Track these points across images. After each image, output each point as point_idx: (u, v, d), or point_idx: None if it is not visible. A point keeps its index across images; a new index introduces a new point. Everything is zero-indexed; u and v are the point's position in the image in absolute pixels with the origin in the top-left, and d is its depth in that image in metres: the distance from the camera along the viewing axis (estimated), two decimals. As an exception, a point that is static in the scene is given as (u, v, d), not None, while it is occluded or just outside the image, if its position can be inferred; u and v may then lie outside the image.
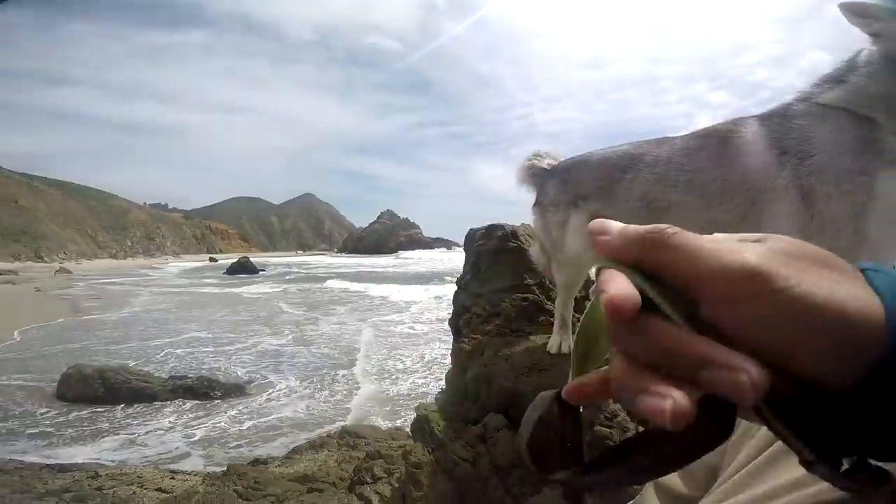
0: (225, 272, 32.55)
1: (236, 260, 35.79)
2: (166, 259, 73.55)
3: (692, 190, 1.27)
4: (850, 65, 1.11)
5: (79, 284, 23.85)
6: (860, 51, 1.11)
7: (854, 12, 1.07)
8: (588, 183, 1.52)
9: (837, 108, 1.09)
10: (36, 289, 20.01)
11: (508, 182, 1.83)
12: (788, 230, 1.08)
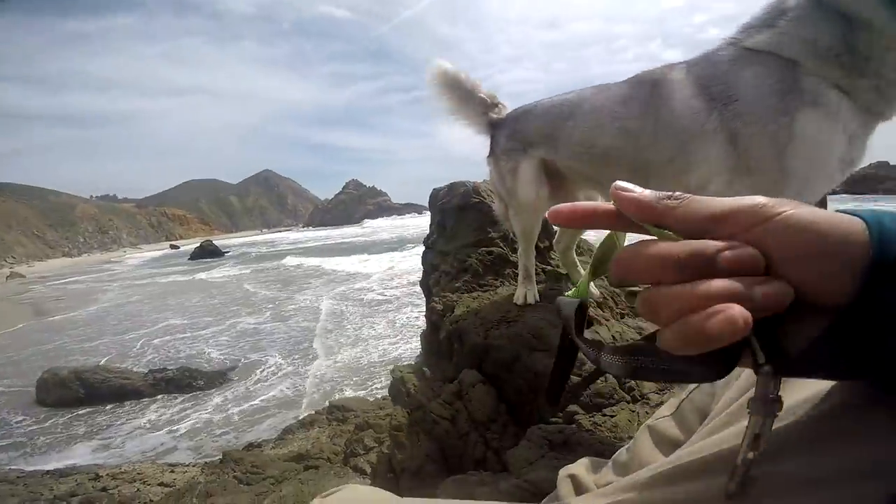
0: (189, 258, 31.58)
1: (199, 245, 34.66)
2: (124, 251, 70.66)
3: (626, 134, 1.31)
4: (779, 9, 1.12)
5: (36, 287, 22.75)
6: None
7: None
8: (535, 130, 1.57)
9: (763, 52, 1.11)
10: (-12, 297, 18.99)
11: (473, 143, 1.85)
12: (718, 171, 1.13)
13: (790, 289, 0.26)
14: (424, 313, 2.17)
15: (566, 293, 0.40)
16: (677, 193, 0.30)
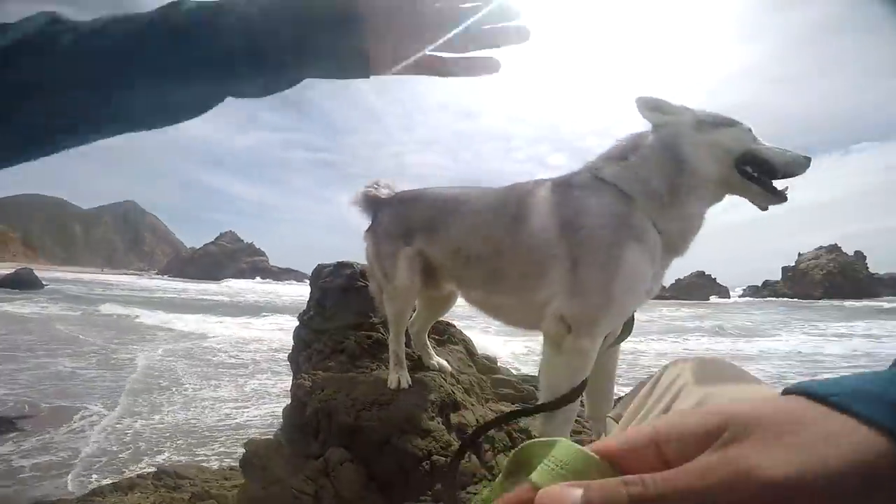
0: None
1: (13, 271, 28.44)
2: None
3: (491, 244, 1.42)
4: (634, 144, 1.31)
5: None
6: (645, 133, 1.32)
7: (647, 106, 1.30)
8: (418, 220, 1.62)
9: (610, 184, 1.26)
10: None
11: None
12: (559, 292, 1.26)
13: None
14: (290, 388, 2.09)
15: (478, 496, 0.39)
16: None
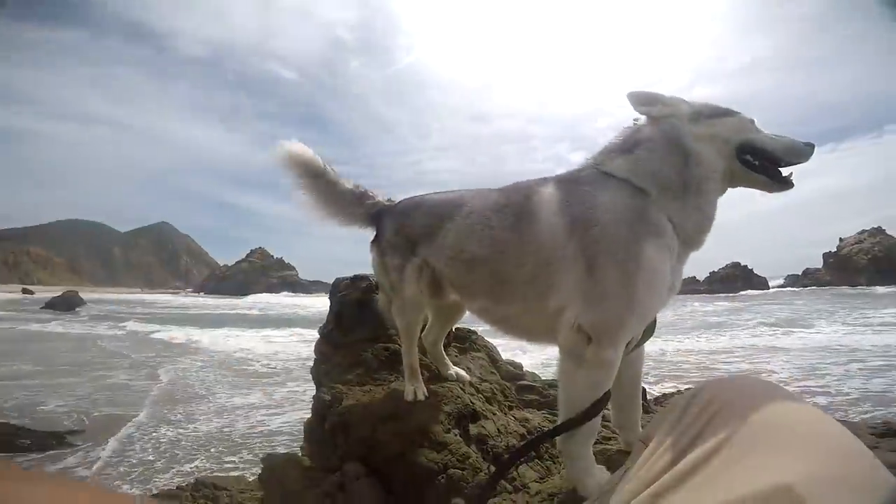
0: (43, 307, 26.92)
1: (60, 294, 29.93)
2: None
3: (493, 245, 1.34)
4: (635, 138, 1.25)
5: None
6: (642, 127, 1.27)
7: (640, 101, 1.26)
8: (420, 229, 1.56)
9: (618, 178, 1.21)
10: None
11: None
12: (574, 298, 1.17)
13: None
14: (312, 401, 2.11)
15: None
16: None
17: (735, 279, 41.19)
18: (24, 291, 54.48)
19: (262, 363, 9.68)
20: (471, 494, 1.42)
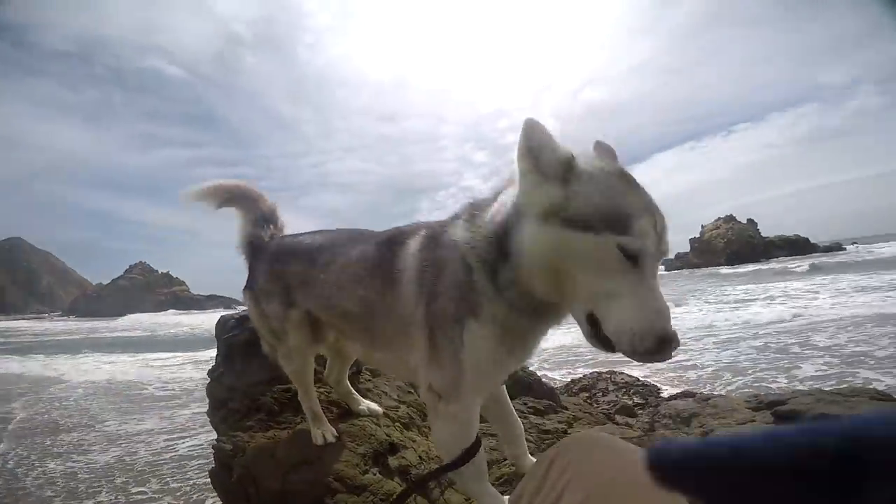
0: None
1: None
2: None
3: (363, 304, 1.30)
4: (484, 204, 1.09)
5: None
6: (508, 189, 1.04)
7: (524, 148, 0.91)
8: (294, 275, 1.49)
9: (457, 247, 1.09)
10: None
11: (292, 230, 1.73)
12: (423, 360, 1.16)
13: None
14: (213, 449, 1.86)
15: None
16: None
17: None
18: None
19: (156, 386, 8.61)
20: None
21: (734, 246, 43.07)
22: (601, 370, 4.81)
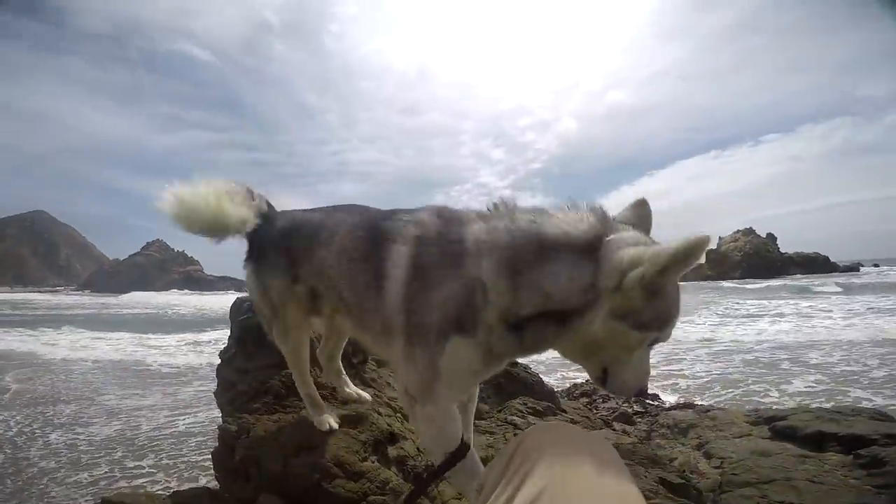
0: None
1: None
2: None
3: (356, 293, 1.32)
4: (529, 219, 1.05)
5: None
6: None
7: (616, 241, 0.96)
8: (303, 252, 1.50)
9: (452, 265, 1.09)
10: None
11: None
12: (401, 358, 1.18)
13: None
14: (217, 430, 1.94)
15: None
16: None
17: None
18: None
19: (161, 362, 8.80)
20: None
21: (751, 260, 42.36)
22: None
